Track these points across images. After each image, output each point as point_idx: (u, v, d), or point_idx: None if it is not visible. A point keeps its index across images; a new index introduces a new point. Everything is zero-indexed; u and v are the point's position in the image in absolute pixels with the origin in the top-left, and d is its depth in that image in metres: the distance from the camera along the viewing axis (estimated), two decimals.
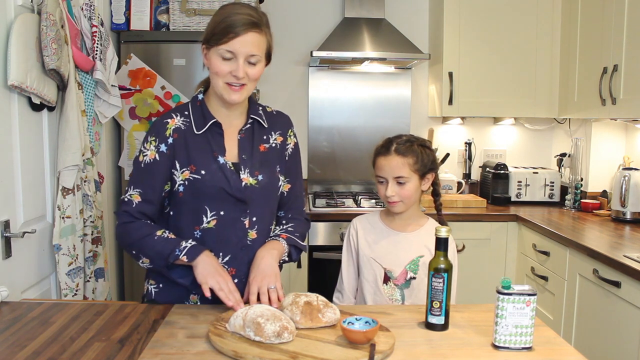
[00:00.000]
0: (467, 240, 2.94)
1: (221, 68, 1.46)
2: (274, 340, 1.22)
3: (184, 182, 1.52)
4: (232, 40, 1.44)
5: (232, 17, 1.45)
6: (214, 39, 1.46)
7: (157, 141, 1.53)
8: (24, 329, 1.34)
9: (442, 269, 1.34)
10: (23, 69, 1.83)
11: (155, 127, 1.55)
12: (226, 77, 1.47)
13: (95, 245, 2.26)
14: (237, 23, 1.44)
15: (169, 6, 2.94)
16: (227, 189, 1.51)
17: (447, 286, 1.34)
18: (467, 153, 3.46)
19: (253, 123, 1.61)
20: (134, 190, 1.53)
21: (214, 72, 1.48)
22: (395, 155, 1.69)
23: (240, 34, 1.44)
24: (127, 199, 1.53)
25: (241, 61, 1.46)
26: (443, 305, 1.34)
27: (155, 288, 1.61)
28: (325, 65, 3.42)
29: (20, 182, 1.91)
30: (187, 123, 1.55)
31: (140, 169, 1.54)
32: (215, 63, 1.47)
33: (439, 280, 1.34)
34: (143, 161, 1.53)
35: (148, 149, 1.53)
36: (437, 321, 1.35)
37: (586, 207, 3.03)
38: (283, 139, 1.65)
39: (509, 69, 3.18)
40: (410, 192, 1.70)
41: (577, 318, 2.35)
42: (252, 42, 1.46)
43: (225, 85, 1.48)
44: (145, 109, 2.88)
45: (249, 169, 1.55)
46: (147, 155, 1.53)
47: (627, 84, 2.45)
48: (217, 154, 1.54)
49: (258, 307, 1.29)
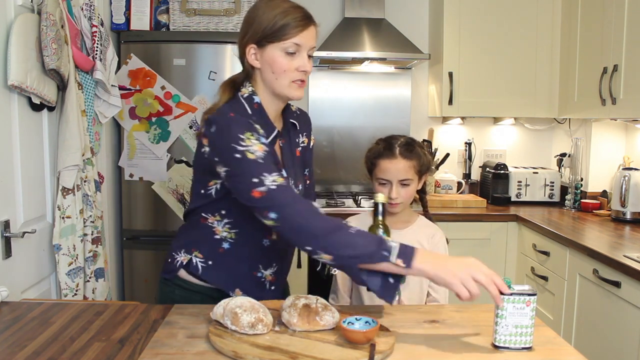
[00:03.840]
0: (467, 240, 2.94)
1: (287, 65, 1.40)
2: (248, 331, 1.23)
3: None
4: (299, 35, 1.40)
5: (291, 11, 1.41)
6: (273, 36, 1.39)
7: (256, 135, 1.36)
8: (24, 329, 1.34)
9: (380, 232, 1.36)
10: (23, 69, 1.83)
11: (242, 124, 1.37)
12: (292, 73, 1.41)
13: (95, 245, 2.26)
14: (299, 17, 1.40)
15: (169, 6, 2.94)
16: None
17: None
18: (467, 153, 3.46)
19: (290, 127, 1.57)
20: (274, 174, 1.30)
21: (280, 71, 1.41)
22: (401, 159, 1.68)
23: (305, 28, 1.41)
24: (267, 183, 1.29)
25: (305, 55, 1.42)
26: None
27: (203, 263, 1.52)
28: (325, 65, 3.42)
29: (20, 182, 1.91)
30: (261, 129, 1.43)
31: (258, 164, 1.32)
32: (279, 60, 1.40)
33: None
34: (256, 157, 1.32)
35: (252, 144, 1.34)
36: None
37: (586, 207, 3.03)
38: (308, 140, 1.65)
39: (509, 69, 3.18)
40: (412, 193, 1.71)
41: (577, 318, 2.35)
42: (314, 36, 1.44)
43: (291, 83, 1.43)
44: (145, 109, 2.88)
45: (294, 180, 1.52)
46: (255, 148, 1.33)
47: (627, 84, 2.45)
48: (281, 166, 1.46)
49: (240, 299, 1.30)
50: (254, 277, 1.56)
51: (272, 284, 1.59)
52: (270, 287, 1.59)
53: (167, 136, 2.89)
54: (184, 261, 1.54)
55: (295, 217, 1.30)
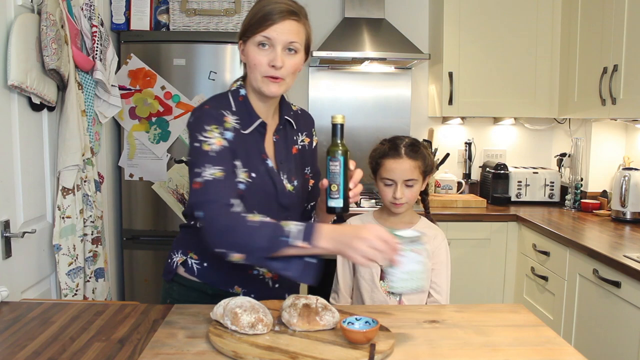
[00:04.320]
0: (467, 240, 2.94)
1: (258, 58, 1.39)
2: (248, 331, 1.24)
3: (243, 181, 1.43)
4: (270, 27, 1.37)
5: (270, 5, 1.40)
6: (250, 30, 1.40)
7: (220, 129, 1.39)
8: (24, 329, 1.34)
9: (339, 153, 1.35)
10: (23, 69, 1.83)
11: (212, 116, 1.40)
12: (264, 68, 1.39)
13: (95, 245, 2.26)
14: (274, 10, 1.38)
15: (169, 6, 2.94)
16: (274, 195, 1.46)
17: (343, 169, 1.35)
18: (467, 153, 3.46)
19: (285, 124, 1.56)
20: (215, 168, 1.34)
21: (252, 64, 1.41)
22: (407, 159, 1.69)
23: (277, 21, 1.38)
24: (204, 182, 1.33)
25: (279, 49, 1.39)
26: (341, 189, 1.35)
27: (198, 265, 1.53)
28: (325, 65, 3.42)
29: (20, 182, 1.91)
30: (237, 121, 1.44)
31: (210, 156, 1.35)
32: (252, 54, 1.40)
33: (335, 163, 1.35)
34: (211, 150, 1.36)
35: (212, 137, 1.37)
36: (336, 204, 1.36)
37: (586, 207, 3.03)
38: (310, 140, 1.64)
39: (509, 69, 3.18)
40: (416, 193, 1.72)
41: (577, 318, 2.35)
42: (290, 30, 1.39)
43: (263, 78, 1.41)
44: (145, 109, 2.88)
45: (287, 174, 1.51)
46: (213, 142, 1.37)
47: (627, 84, 2.45)
48: (265, 156, 1.46)
49: (240, 298, 1.30)
50: (251, 276, 1.55)
51: (275, 281, 1.57)
52: (275, 285, 1.57)
53: (167, 136, 2.89)
54: (179, 262, 1.55)
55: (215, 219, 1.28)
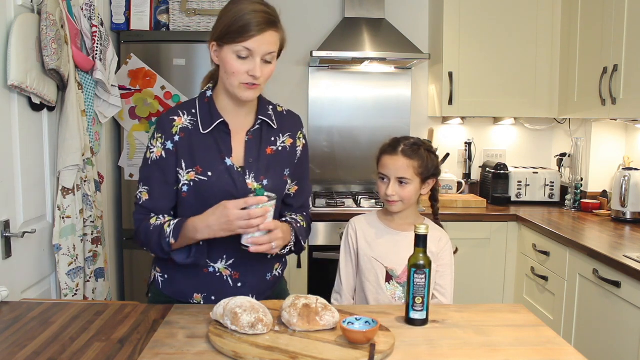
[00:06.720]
0: (467, 240, 2.94)
1: (237, 67, 1.42)
2: (248, 331, 1.24)
3: (188, 182, 1.49)
4: (251, 39, 1.40)
5: (249, 15, 1.40)
6: (229, 37, 1.41)
7: (164, 138, 1.50)
8: (24, 329, 1.34)
9: (422, 265, 1.37)
10: (23, 69, 1.83)
11: (162, 124, 1.51)
12: (243, 77, 1.43)
13: (95, 245, 2.26)
14: (254, 22, 1.40)
15: (169, 6, 2.94)
16: (233, 193, 1.47)
17: (428, 282, 1.37)
18: (467, 153, 3.46)
19: (262, 124, 1.56)
20: (143, 187, 1.53)
21: (230, 72, 1.43)
22: (401, 156, 1.70)
23: (259, 33, 1.40)
24: (137, 196, 1.53)
25: (258, 60, 1.42)
26: (425, 301, 1.37)
27: (161, 277, 1.60)
28: (325, 65, 3.42)
29: (20, 182, 1.91)
30: (194, 122, 1.51)
31: (148, 166, 1.52)
32: (231, 62, 1.42)
33: (421, 276, 1.37)
34: (150, 158, 1.51)
35: (155, 146, 1.51)
36: (420, 316, 1.38)
37: (586, 207, 3.03)
38: (293, 141, 1.61)
39: (509, 69, 3.18)
40: (410, 193, 1.71)
41: (577, 318, 2.35)
42: (269, 42, 1.43)
43: (240, 85, 1.44)
44: (145, 109, 2.88)
45: (255, 173, 1.52)
46: (154, 152, 1.51)
47: (627, 84, 2.45)
48: (224, 156, 1.50)
49: (240, 299, 1.31)
50: (208, 275, 1.54)
51: (235, 280, 1.55)
52: (236, 284, 1.55)
53: None
54: (152, 277, 1.64)
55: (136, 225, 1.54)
